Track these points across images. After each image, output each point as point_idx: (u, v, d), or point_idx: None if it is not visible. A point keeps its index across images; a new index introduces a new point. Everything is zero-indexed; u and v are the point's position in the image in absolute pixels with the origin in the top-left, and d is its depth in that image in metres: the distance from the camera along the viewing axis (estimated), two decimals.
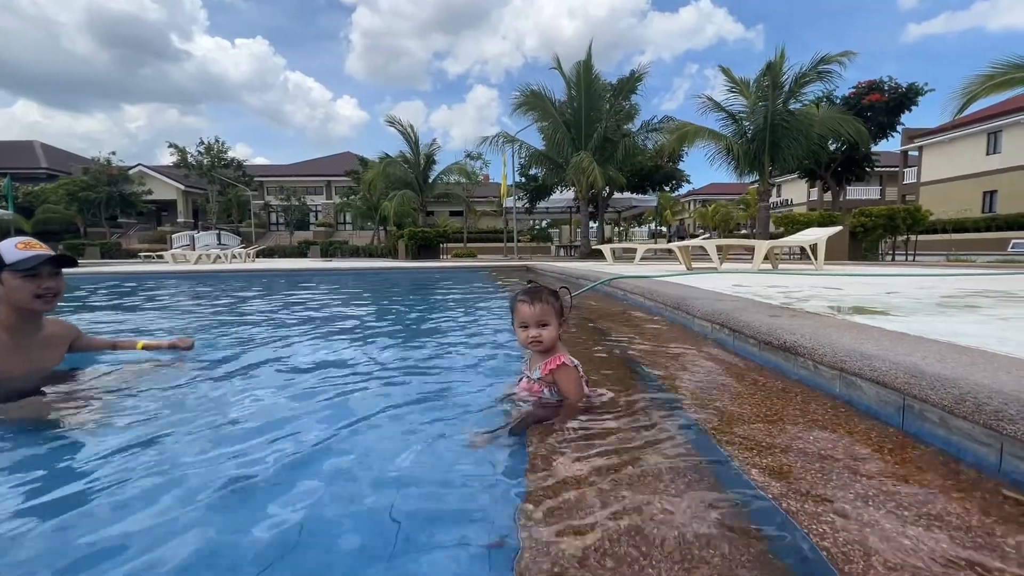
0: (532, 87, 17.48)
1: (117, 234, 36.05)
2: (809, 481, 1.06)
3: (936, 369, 1.26)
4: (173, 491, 1.20)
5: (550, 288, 1.71)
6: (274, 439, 1.53)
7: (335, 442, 1.53)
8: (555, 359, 1.64)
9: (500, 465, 1.33)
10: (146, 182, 37.13)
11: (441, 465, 1.38)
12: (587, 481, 1.11)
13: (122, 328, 4.07)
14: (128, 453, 1.44)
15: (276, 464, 1.35)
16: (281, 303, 5.91)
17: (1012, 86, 9.12)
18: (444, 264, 14.61)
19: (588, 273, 6.87)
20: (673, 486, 1.09)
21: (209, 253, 17.97)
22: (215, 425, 1.68)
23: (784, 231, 13.90)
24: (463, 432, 1.57)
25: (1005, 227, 24.64)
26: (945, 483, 1.03)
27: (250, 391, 2.09)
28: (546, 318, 1.64)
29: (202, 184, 37.87)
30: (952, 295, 3.23)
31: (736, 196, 45.47)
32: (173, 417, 1.75)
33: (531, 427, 1.51)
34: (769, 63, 13.80)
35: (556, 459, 1.25)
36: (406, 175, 22.93)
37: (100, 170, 32.96)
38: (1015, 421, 1.01)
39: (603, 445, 1.32)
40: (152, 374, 2.27)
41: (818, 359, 1.66)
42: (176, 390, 2.06)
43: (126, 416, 1.75)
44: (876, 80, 20.82)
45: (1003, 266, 8.42)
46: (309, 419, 1.75)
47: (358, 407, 1.88)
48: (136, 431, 1.61)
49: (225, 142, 37.01)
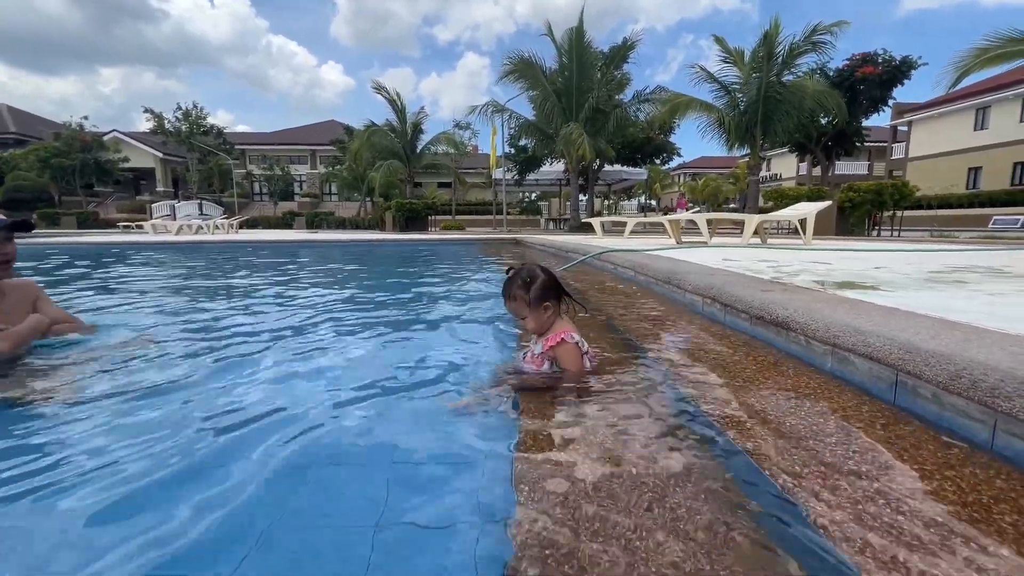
0: (523, 54, 16.96)
1: (94, 203, 34.97)
2: (816, 478, 1.05)
3: (931, 345, 1.25)
4: (142, 472, 1.16)
5: (522, 277, 1.66)
6: (273, 410, 1.49)
7: (322, 414, 1.49)
8: (556, 335, 1.64)
9: (491, 430, 1.33)
10: (122, 149, 35.75)
11: (434, 432, 1.37)
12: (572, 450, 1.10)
13: (103, 306, 3.95)
14: (101, 429, 1.39)
15: (268, 430, 1.31)
16: (267, 278, 5.80)
17: (1006, 60, 9.04)
18: (432, 236, 14.44)
19: (578, 247, 6.82)
20: (650, 447, 1.07)
21: (191, 224, 17.50)
22: (194, 405, 1.63)
23: (774, 206, 13.92)
24: (460, 394, 1.57)
25: (988, 203, 25.01)
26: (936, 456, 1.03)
27: (241, 368, 2.03)
28: (520, 312, 1.66)
29: (181, 152, 36.61)
30: (940, 271, 3.25)
31: (726, 170, 45.33)
32: (148, 397, 1.69)
33: (526, 393, 1.51)
34: (765, 33, 13.52)
35: (545, 429, 1.23)
36: (392, 144, 22.36)
37: (72, 136, 31.59)
38: (1011, 398, 1.00)
39: (590, 419, 1.31)
40: (124, 352, 2.19)
41: (810, 334, 1.65)
42: (158, 369, 2.00)
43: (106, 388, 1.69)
44: (870, 53, 20.58)
45: (986, 242, 8.54)
46: (303, 387, 1.72)
47: (349, 377, 1.85)
48: (106, 408, 1.55)
49: (204, 108, 35.67)
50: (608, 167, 22.03)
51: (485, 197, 35.51)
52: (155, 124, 33.64)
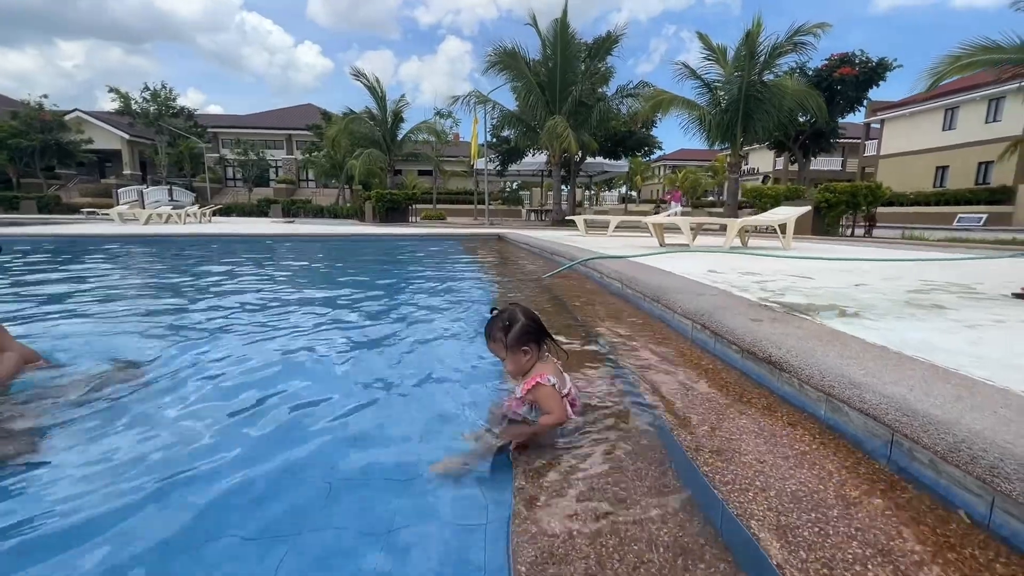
0: (506, 45, 16.73)
1: (55, 186, 33.42)
2: (808, 536, 1.04)
3: (926, 406, 1.25)
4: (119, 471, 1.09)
5: (503, 320, 1.65)
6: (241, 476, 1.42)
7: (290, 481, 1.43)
8: (532, 379, 1.61)
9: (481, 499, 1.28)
10: (85, 129, 34.12)
11: (418, 501, 1.31)
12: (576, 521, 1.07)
13: (66, 325, 3.75)
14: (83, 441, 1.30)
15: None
16: (242, 284, 5.62)
17: (978, 67, 9.31)
18: (414, 231, 14.25)
19: (562, 248, 6.80)
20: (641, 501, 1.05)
21: (161, 212, 16.87)
22: (154, 432, 1.55)
23: (753, 204, 14.13)
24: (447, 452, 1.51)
25: (953, 202, 25.96)
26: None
27: (215, 397, 1.94)
28: (499, 354, 1.67)
29: (149, 134, 35.15)
30: (917, 289, 3.32)
31: (706, 163, 45.86)
32: (124, 446, 1.60)
33: (516, 455, 1.46)
34: (747, 32, 13.60)
35: (542, 501, 1.20)
36: (372, 133, 21.88)
37: (31, 115, 29.95)
38: (1011, 480, 1.01)
39: (583, 474, 1.28)
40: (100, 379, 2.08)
41: (804, 379, 1.66)
42: (131, 412, 1.90)
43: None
44: (848, 53, 20.93)
45: (953, 245, 8.85)
46: (266, 444, 1.64)
47: (321, 427, 1.77)
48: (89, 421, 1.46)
49: (173, 88, 34.26)
50: (590, 159, 22.05)
51: (467, 186, 35.17)
52: (121, 104, 32.16)
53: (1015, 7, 8.29)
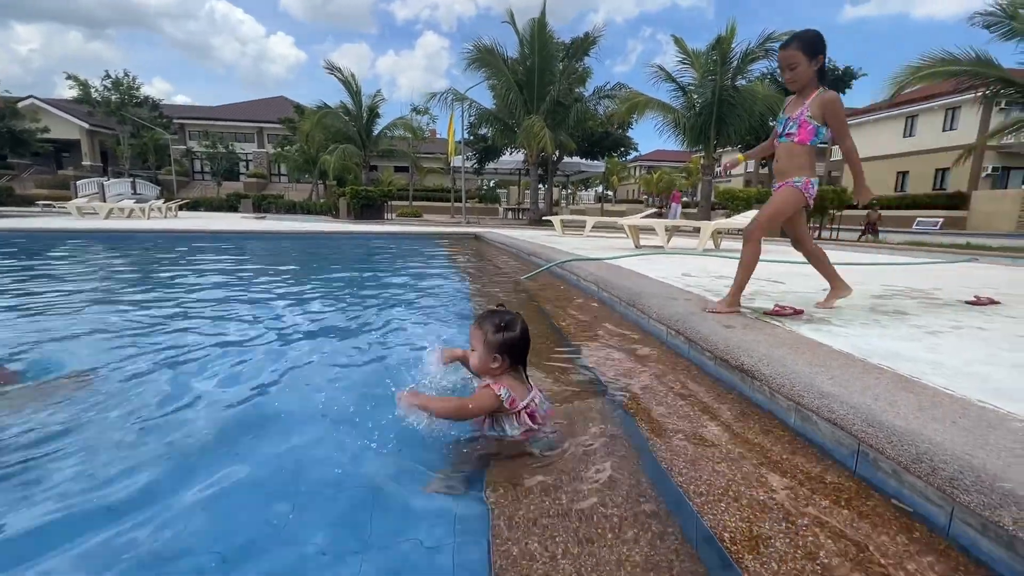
0: (484, 42, 16.66)
1: (7, 176, 31.75)
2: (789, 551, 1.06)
3: (890, 417, 1.29)
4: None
5: (498, 320, 1.67)
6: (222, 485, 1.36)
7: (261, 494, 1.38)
8: (488, 382, 1.64)
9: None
10: (41, 118, 32.46)
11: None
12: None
13: (19, 335, 3.56)
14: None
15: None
16: (211, 283, 5.44)
17: (937, 78, 9.72)
18: (390, 228, 14.06)
19: (539, 249, 6.81)
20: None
21: (123, 206, 16.18)
22: (128, 435, 1.48)
23: (726, 207, 14.44)
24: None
25: (913, 206, 27.11)
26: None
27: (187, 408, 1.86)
28: (474, 344, 1.70)
29: (111, 124, 33.69)
30: (881, 295, 3.44)
31: (680, 163, 46.68)
32: (89, 459, 1.52)
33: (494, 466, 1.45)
34: (719, 37, 13.87)
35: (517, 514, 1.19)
36: (347, 128, 21.49)
37: None
38: (970, 492, 1.04)
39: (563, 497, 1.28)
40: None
41: (775, 388, 1.69)
42: (97, 421, 1.80)
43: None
44: None
45: (913, 248, 9.23)
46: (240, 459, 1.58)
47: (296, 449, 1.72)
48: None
49: (137, 77, 32.93)
50: (567, 159, 22.17)
51: (443, 183, 34.92)
52: (80, 92, 30.73)
53: (971, 23, 8.69)
